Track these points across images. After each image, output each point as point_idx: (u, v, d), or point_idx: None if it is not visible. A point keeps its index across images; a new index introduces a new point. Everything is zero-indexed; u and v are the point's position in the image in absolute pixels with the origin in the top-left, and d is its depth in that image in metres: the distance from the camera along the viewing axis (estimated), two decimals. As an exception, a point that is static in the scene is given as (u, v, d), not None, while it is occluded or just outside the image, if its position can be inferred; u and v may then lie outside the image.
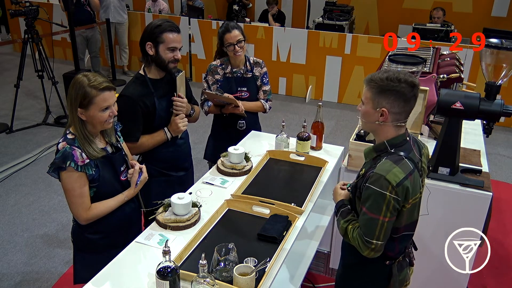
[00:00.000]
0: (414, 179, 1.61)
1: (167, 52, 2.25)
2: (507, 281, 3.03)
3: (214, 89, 2.81)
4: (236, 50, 2.72)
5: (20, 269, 3.00)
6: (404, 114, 1.63)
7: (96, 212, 1.92)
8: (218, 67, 2.84)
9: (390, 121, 1.63)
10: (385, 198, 1.56)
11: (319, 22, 6.93)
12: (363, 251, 1.65)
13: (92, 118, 1.84)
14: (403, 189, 1.57)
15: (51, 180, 4.04)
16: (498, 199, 3.86)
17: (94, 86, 1.81)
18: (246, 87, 2.86)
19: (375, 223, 1.60)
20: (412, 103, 1.63)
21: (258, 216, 2.07)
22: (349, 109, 5.96)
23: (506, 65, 2.19)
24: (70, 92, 1.83)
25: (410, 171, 1.60)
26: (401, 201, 1.58)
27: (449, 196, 2.38)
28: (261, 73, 2.89)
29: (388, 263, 1.75)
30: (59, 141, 1.86)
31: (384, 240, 1.62)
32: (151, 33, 2.23)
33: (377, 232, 1.60)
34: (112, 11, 6.61)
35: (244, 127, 2.90)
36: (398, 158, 1.61)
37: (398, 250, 1.76)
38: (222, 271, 1.65)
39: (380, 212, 1.58)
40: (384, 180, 1.56)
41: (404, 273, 1.82)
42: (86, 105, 1.81)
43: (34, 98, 6.01)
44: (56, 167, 1.83)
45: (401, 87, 1.58)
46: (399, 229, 1.68)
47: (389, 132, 1.66)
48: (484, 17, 7.28)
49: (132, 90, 2.26)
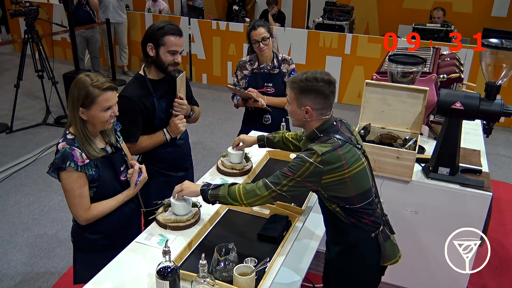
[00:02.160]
0: (343, 151, 1.70)
1: (167, 55, 2.24)
2: (507, 281, 3.03)
3: (243, 84, 2.98)
4: (261, 47, 2.86)
5: (20, 269, 3.00)
6: (326, 109, 1.77)
7: (96, 212, 1.91)
8: (247, 62, 3.00)
9: (315, 117, 1.77)
10: (306, 162, 1.68)
11: (319, 22, 6.93)
12: (260, 192, 1.74)
13: (94, 118, 1.84)
14: (329, 158, 1.67)
15: (51, 180, 4.04)
16: (498, 199, 3.86)
17: (97, 86, 1.81)
18: (272, 83, 2.98)
19: (286, 177, 1.71)
20: (332, 98, 1.77)
21: (258, 216, 2.07)
22: (349, 109, 5.96)
23: (506, 65, 2.19)
24: (72, 91, 1.83)
25: (338, 145, 1.71)
26: (324, 170, 1.67)
27: (449, 196, 2.38)
28: (288, 70, 3.00)
29: (374, 235, 1.81)
30: (59, 141, 1.86)
31: (288, 193, 1.72)
32: (153, 34, 2.22)
33: (284, 183, 1.71)
34: (111, 11, 6.61)
35: (269, 122, 3.00)
36: (326, 138, 1.75)
37: (368, 218, 1.79)
38: (222, 271, 1.65)
39: (296, 173, 1.69)
40: (311, 150, 1.70)
41: (390, 242, 1.86)
42: (88, 104, 1.81)
43: (34, 98, 6.01)
44: (56, 167, 1.82)
45: (319, 85, 1.73)
46: (351, 198, 1.74)
47: (316, 123, 1.80)
48: (484, 17, 7.28)
49: (132, 90, 2.26)
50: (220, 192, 1.81)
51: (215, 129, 5.38)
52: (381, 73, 2.82)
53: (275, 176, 1.75)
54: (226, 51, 6.65)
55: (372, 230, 1.81)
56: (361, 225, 1.79)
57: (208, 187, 1.86)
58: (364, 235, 1.81)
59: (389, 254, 1.85)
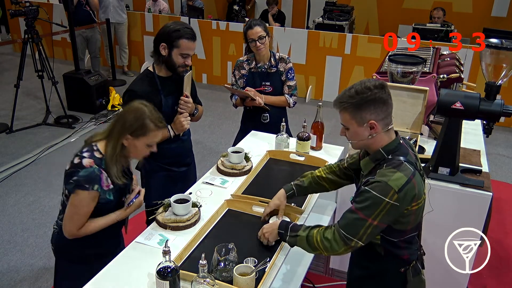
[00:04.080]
0: (417, 181, 1.56)
1: (179, 57, 2.28)
2: (507, 281, 3.03)
3: (241, 83, 2.98)
4: (257, 46, 2.86)
5: (20, 269, 3.00)
6: (389, 116, 1.60)
7: (85, 231, 1.85)
8: (244, 62, 3.00)
9: (381, 130, 1.59)
10: (382, 203, 1.51)
11: (319, 22, 6.93)
12: (339, 247, 1.58)
13: (135, 148, 1.83)
14: (405, 194, 1.51)
15: (51, 180, 4.04)
16: (498, 199, 3.86)
17: (153, 121, 1.81)
18: (269, 82, 2.99)
19: (362, 223, 1.54)
20: (391, 103, 1.59)
21: (258, 216, 2.07)
22: (349, 109, 5.96)
23: (506, 65, 2.18)
24: (127, 116, 1.79)
25: (412, 173, 1.54)
26: (400, 207, 1.53)
27: (449, 196, 2.38)
28: (285, 69, 3.00)
29: (403, 270, 1.69)
30: (83, 154, 1.79)
31: (365, 242, 1.57)
32: (168, 35, 2.24)
33: (361, 233, 1.55)
34: (111, 11, 6.61)
35: (267, 120, 3.00)
36: (398, 163, 1.56)
37: (407, 253, 1.70)
38: (222, 271, 1.65)
39: (371, 216, 1.53)
40: (386, 186, 1.51)
41: (418, 278, 1.75)
42: (138, 135, 1.79)
43: (34, 98, 6.01)
44: (79, 185, 1.75)
45: (375, 93, 1.55)
46: (403, 232, 1.63)
47: (383, 140, 1.61)
48: (484, 17, 7.28)
49: (140, 86, 2.29)
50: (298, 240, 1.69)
51: (215, 129, 5.38)
52: (381, 73, 2.82)
53: (349, 222, 1.56)
54: (226, 51, 6.65)
55: (403, 265, 1.70)
56: (395, 258, 1.67)
57: (286, 231, 1.73)
58: (393, 268, 1.70)
59: None
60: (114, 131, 1.81)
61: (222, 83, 6.74)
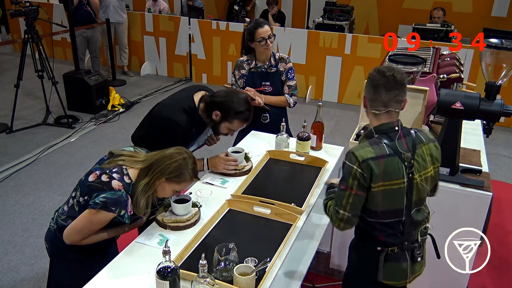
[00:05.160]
0: (387, 164, 1.68)
1: (226, 129, 2.33)
2: (507, 281, 3.03)
3: (241, 83, 2.98)
4: (267, 44, 2.87)
5: (20, 269, 3.00)
6: (376, 102, 1.73)
7: (86, 241, 1.84)
8: (244, 62, 3.00)
9: (369, 108, 1.77)
10: (352, 170, 1.68)
11: (319, 22, 6.94)
12: (334, 222, 1.78)
13: (163, 190, 1.85)
14: (367, 166, 1.66)
15: (51, 180, 4.04)
16: (498, 199, 3.86)
17: (191, 174, 1.84)
18: (269, 82, 2.99)
19: (343, 193, 1.72)
20: (381, 92, 1.70)
21: (258, 216, 2.07)
22: (349, 109, 5.96)
23: (506, 65, 2.18)
24: (171, 162, 1.80)
25: (383, 155, 1.68)
26: (367, 178, 1.68)
27: (449, 196, 2.38)
28: (285, 68, 3.00)
29: (379, 249, 1.80)
30: (112, 174, 1.78)
31: (351, 212, 1.73)
32: (228, 109, 2.25)
33: (344, 202, 1.72)
34: (112, 11, 6.61)
35: (267, 120, 3.00)
36: (376, 141, 1.72)
37: (382, 236, 1.79)
38: (222, 271, 1.65)
39: (348, 184, 1.71)
40: (352, 155, 1.69)
41: (399, 268, 1.84)
42: (172, 181, 1.82)
43: (34, 98, 6.01)
44: (105, 207, 1.74)
45: (373, 75, 1.73)
46: (376, 212, 1.75)
47: (373, 120, 1.78)
48: (484, 17, 7.28)
49: (184, 118, 2.26)
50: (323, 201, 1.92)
51: (215, 129, 5.37)
52: (381, 73, 2.82)
53: (337, 195, 1.77)
54: (226, 51, 6.65)
55: (380, 245, 1.81)
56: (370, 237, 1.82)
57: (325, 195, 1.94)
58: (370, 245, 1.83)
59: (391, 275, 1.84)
60: (153, 170, 1.81)
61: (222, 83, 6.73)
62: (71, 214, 1.87)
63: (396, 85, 1.70)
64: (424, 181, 1.78)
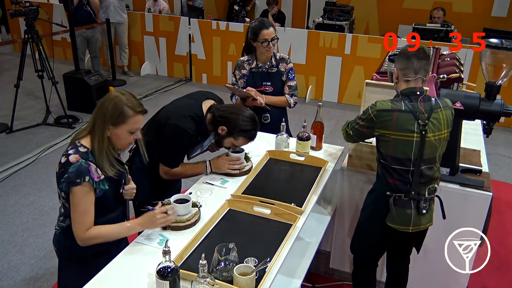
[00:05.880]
0: (399, 117, 1.97)
1: (230, 144, 2.33)
2: (507, 281, 3.03)
3: (241, 83, 2.98)
4: (269, 46, 2.88)
5: (20, 269, 3.00)
6: (408, 70, 2.02)
7: (95, 234, 1.80)
8: (245, 62, 3.00)
9: (401, 76, 2.06)
10: (367, 112, 2.06)
11: (319, 22, 6.94)
12: (342, 130, 2.29)
13: (117, 137, 1.81)
14: (379, 115, 2.00)
15: (51, 180, 4.04)
16: (498, 199, 3.86)
17: (131, 107, 1.79)
18: (270, 82, 2.99)
19: (355, 120, 2.16)
20: (414, 61, 2.00)
21: (258, 216, 2.07)
22: (349, 109, 5.96)
23: (506, 65, 2.19)
24: (105, 106, 1.78)
25: (399, 109, 1.98)
26: (376, 123, 2.02)
27: (449, 196, 2.37)
28: (286, 69, 3.00)
29: (388, 193, 2.05)
30: (68, 152, 1.78)
31: (353, 133, 2.18)
32: (235, 126, 2.24)
33: (352, 125, 2.18)
34: (112, 11, 6.61)
35: (268, 120, 2.99)
36: (398, 99, 2.03)
37: (392, 178, 2.05)
38: (222, 271, 1.65)
39: (361, 118, 2.11)
40: (374, 104, 2.04)
41: (404, 213, 2.05)
42: (118, 123, 1.78)
43: (34, 98, 6.01)
44: (71, 182, 1.74)
45: (404, 49, 2.04)
46: (386, 156, 2.05)
47: (401, 86, 2.07)
48: (484, 17, 7.28)
49: (191, 125, 2.24)
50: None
51: (215, 129, 5.37)
52: (381, 73, 2.82)
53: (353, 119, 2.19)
54: (226, 51, 6.65)
55: (389, 189, 2.05)
56: (384, 180, 2.08)
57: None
58: (382, 188, 2.09)
59: (396, 219, 2.06)
60: (96, 124, 1.80)
61: (222, 83, 6.74)
62: (65, 213, 1.87)
63: (425, 56, 2.01)
64: (437, 141, 2.01)
